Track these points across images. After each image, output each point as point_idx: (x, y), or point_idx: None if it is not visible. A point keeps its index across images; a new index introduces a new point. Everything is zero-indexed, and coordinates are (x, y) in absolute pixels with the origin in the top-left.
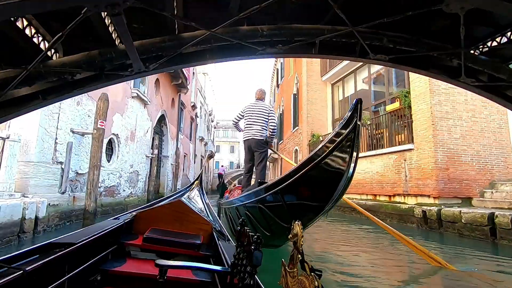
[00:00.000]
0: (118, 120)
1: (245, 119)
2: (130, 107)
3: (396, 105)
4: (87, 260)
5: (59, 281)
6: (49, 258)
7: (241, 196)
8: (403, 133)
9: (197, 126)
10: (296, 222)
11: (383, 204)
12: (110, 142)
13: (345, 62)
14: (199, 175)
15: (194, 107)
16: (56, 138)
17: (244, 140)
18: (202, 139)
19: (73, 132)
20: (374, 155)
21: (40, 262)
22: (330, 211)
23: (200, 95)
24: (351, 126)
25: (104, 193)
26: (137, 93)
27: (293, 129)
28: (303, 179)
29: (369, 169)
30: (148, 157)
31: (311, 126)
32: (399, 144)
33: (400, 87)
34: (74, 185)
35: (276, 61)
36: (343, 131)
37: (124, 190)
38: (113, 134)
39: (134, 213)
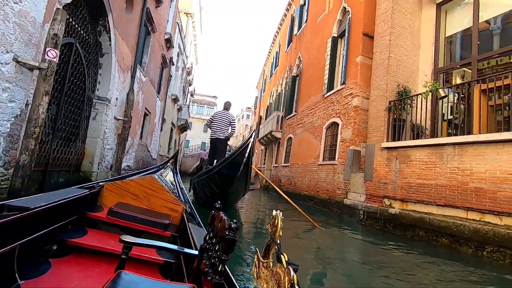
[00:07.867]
0: None
1: (213, 123)
2: None
3: None
4: (44, 228)
5: (8, 247)
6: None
7: (201, 173)
8: None
9: (170, 78)
10: (277, 212)
11: None
12: None
13: None
14: (175, 154)
15: (169, 43)
16: None
17: (211, 138)
18: (176, 100)
19: None
20: None
21: None
22: (246, 193)
23: (180, 37)
24: (247, 143)
25: None
26: None
27: (328, 92)
28: (223, 165)
29: None
30: (23, 65)
31: (395, 76)
32: None
33: None
34: None
35: (288, 8)
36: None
37: None
38: None
39: (101, 184)
